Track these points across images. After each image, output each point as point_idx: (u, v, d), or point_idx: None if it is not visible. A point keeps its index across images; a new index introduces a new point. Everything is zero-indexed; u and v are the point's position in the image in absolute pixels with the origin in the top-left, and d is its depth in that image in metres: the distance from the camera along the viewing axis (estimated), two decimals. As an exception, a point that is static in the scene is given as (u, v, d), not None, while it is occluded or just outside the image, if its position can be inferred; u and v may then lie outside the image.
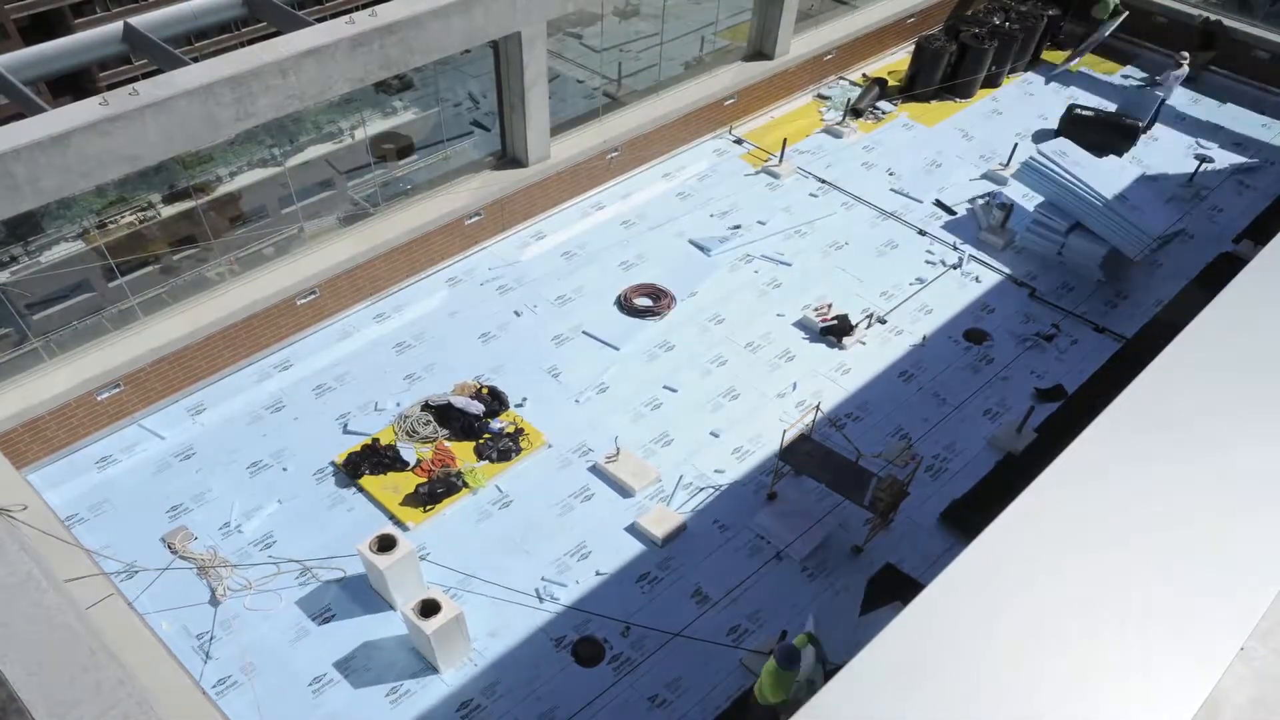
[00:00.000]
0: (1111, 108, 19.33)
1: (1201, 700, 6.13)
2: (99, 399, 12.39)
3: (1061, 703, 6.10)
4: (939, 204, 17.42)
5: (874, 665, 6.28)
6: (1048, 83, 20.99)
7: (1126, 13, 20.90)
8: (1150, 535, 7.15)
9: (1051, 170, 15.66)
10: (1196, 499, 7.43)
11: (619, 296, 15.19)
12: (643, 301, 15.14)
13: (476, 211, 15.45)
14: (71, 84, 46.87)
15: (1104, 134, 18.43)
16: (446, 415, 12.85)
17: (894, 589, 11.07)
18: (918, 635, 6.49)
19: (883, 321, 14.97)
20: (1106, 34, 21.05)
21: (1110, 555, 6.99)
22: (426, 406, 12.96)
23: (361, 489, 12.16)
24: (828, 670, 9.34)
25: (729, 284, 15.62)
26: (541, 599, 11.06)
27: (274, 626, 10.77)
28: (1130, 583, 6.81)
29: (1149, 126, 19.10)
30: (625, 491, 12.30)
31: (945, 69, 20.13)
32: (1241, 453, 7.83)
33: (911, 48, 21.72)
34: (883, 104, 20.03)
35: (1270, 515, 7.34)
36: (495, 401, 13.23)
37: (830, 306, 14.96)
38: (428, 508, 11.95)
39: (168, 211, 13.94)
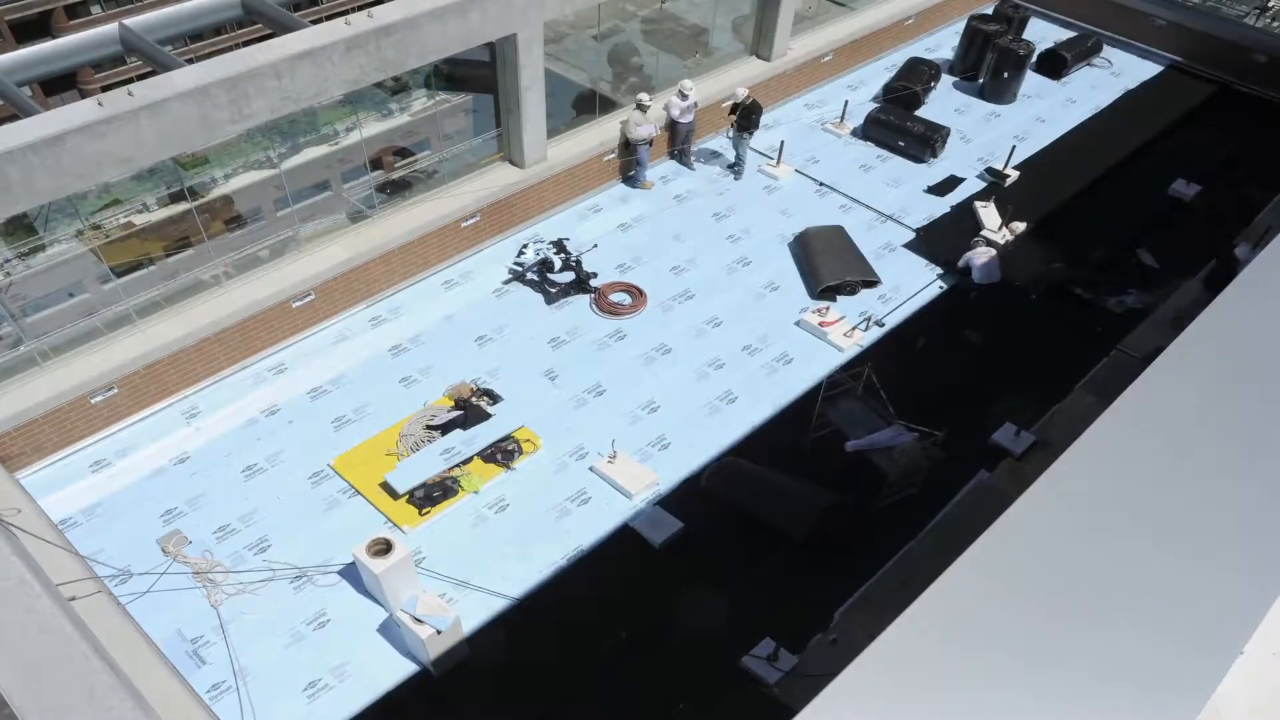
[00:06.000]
0: None
1: (1203, 706, 6.09)
2: (93, 402, 12.32)
3: (1063, 708, 6.06)
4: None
5: (879, 662, 6.23)
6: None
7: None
8: (1150, 538, 7.11)
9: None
10: (1197, 501, 7.40)
11: (592, 297, 15.20)
12: (619, 298, 15.17)
13: (473, 214, 15.40)
14: (63, 86, 46.80)
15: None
16: (449, 433, 12.74)
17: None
18: (917, 636, 6.44)
19: (880, 325, 14.94)
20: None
21: (1108, 559, 6.95)
22: (430, 426, 12.86)
23: (359, 492, 12.11)
24: None
25: (727, 287, 15.59)
26: None
27: (269, 631, 10.70)
28: (1130, 586, 6.77)
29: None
30: (623, 495, 12.25)
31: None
32: (1242, 455, 7.81)
33: (909, 51, 21.81)
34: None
35: (1272, 517, 7.30)
36: (491, 404, 13.19)
37: (828, 309, 14.94)
38: (424, 511, 11.89)
39: (164, 214, 13.89)
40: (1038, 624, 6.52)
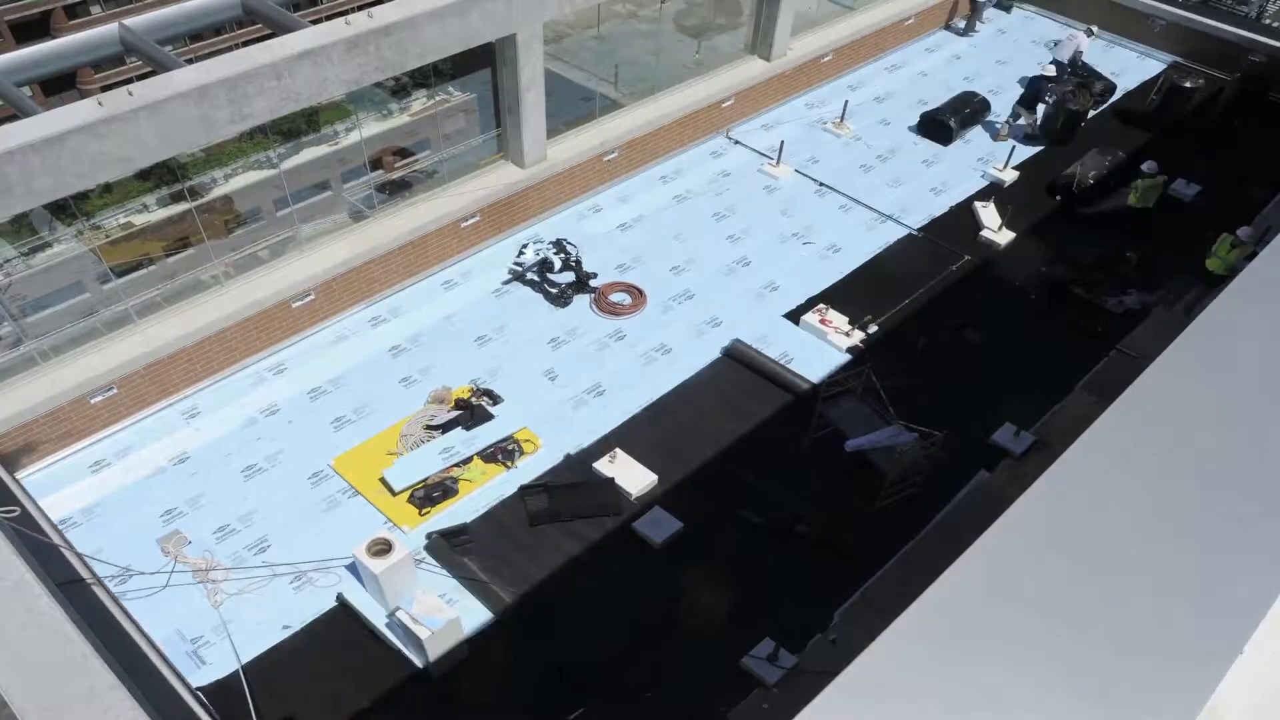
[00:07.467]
0: None
1: (1203, 706, 6.08)
2: (93, 402, 12.32)
3: (1062, 708, 6.05)
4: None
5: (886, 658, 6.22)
6: None
7: None
8: (1149, 537, 7.10)
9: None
10: (1196, 500, 7.39)
11: (592, 297, 15.19)
12: (619, 298, 15.16)
13: (473, 214, 15.40)
14: (63, 86, 46.77)
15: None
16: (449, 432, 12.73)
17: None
18: (917, 636, 6.43)
19: (878, 326, 14.92)
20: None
21: (1108, 560, 6.94)
22: (430, 426, 12.86)
23: (359, 492, 12.11)
24: None
25: (726, 287, 15.58)
26: None
27: (269, 630, 10.69)
28: (1129, 586, 6.76)
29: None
30: (623, 495, 12.24)
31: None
32: (1242, 455, 7.80)
33: (909, 50, 21.80)
34: None
35: (1272, 517, 7.29)
36: (492, 404, 13.18)
37: (827, 308, 14.93)
38: (424, 512, 11.89)
39: (164, 214, 13.89)
40: (1037, 624, 6.51)
